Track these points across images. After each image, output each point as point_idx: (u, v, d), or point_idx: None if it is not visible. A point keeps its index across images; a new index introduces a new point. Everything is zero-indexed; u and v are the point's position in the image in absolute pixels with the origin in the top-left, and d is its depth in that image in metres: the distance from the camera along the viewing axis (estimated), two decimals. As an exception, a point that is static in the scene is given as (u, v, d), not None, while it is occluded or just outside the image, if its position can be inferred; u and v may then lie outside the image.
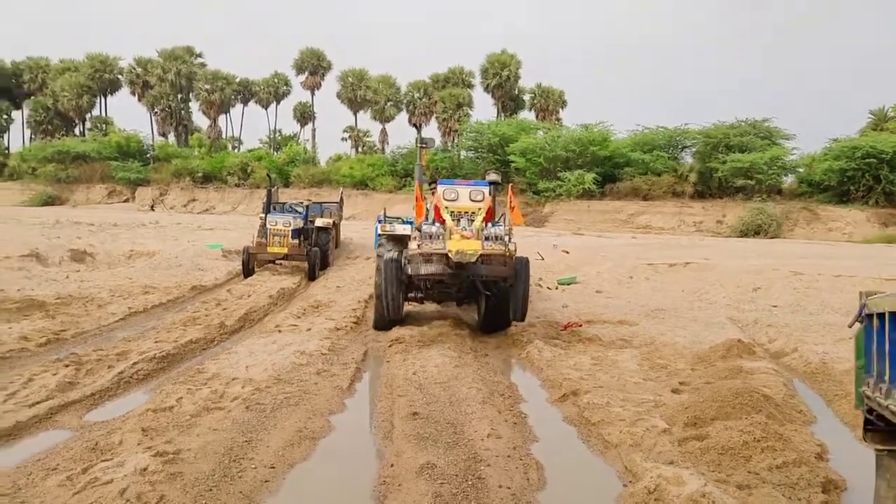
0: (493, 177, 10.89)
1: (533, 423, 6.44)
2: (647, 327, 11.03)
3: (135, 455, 4.90)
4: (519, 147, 46.38)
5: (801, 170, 46.73)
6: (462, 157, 52.85)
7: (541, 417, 6.67)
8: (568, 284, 16.11)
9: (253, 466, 5.03)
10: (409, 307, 11.50)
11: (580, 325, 11.00)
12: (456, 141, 56.39)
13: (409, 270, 9.65)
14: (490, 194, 10.37)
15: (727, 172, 43.43)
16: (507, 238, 9.79)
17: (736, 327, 11.11)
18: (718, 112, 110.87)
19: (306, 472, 5.17)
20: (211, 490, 4.57)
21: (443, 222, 9.81)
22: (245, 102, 66.57)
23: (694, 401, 6.61)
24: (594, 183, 43.85)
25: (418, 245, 9.60)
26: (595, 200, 43.86)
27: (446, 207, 9.87)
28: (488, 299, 10.11)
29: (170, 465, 4.79)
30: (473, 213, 9.89)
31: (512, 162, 46.58)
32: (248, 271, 16.09)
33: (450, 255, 9.04)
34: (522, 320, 10.45)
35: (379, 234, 11.87)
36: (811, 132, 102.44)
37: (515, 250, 10.04)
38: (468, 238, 9.27)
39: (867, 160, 41.53)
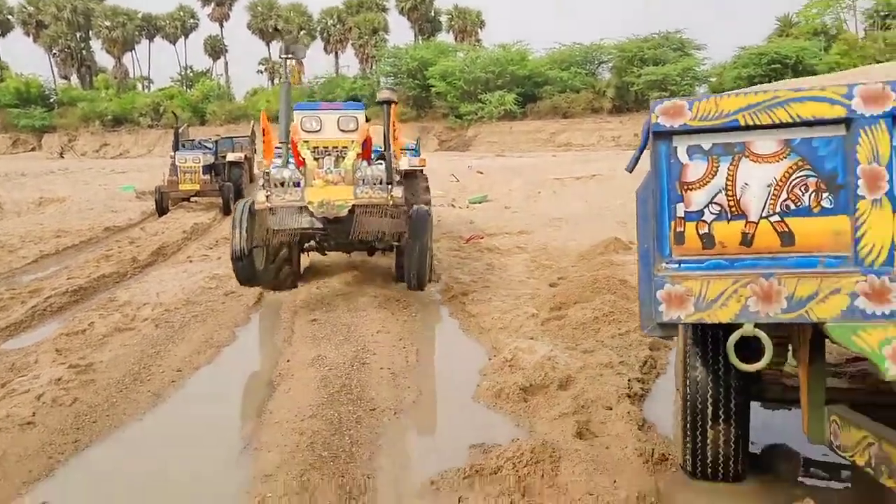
0: (385, 94, 7.92)
1: (421, 320, 7.27)
2: (543, 235, 11.98)
3: (50, 369, 5.49)
4: (438, 70, 46.42)
5: (713, 79, 48.46)
6: (381, 83, 52.51)
7: (429, 315, 7.51)
8: (479, 203, 16.93)
9: (161, 371, 5.68)
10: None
11: (481, 238, 11.84)
12: (374, 67, 55.82)
13: (269, 224, 7.21)
14: (368, 120, 8.18)
15: (642, 86, 44.69)
16: (391, 180, 7.43)
17: (623, 229, 12.15)
18: (633, 25, 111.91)
19: (210, 372, 5.85)
20: (121, 391, 5.21)
21: (302, 163, 7.52)
22: (151, 38, 63.84)
23: (562, 290, 7.57)
24: (515, 103, 44.49)
25: (266, 196, 7.14)
26: (517, 121, 44.60)
27: (306, 142, 7.47)
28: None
29: (83, 374, 5.40)
30: (344, 147, 7.53)
31: (432, 86, 46.68)
32: (161, 210, 16.32)
33: (310, 207, 6.99)
34: (420, 289, 8.04)
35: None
36: (724, 42, 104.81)
37: (412, 198, 8.44)
38: (335, 184, 7.21)
39: (773, 66, 43.46)
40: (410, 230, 7.62)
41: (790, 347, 3.65)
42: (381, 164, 7.55)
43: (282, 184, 7.23)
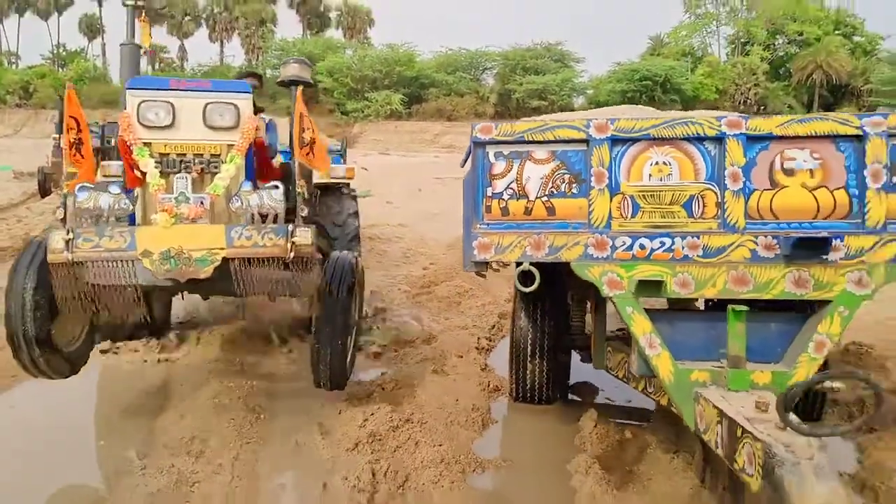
0: (293, 70, 5.17)
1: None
2: (421, 227, 13.36)
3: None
4: (326, 66, 47.17)
5: (590, 91, 51.81)
6: (268, 75, 52.46)
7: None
8: (363, 197, 18.07)
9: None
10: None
11: (363, 228, 13.04)
12: (261, 59, 55.64)
13: (73, 288, 4.04)
14: (260, 111, 5.11)
15: (523, 93, 47.23)
16: (295, 213, 4.29)
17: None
18: (516, 34, 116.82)
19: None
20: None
21: (137, 181, 4.33)
22: (20, 13, 60.51)
23: (431, 272, 8.94)
24: (401, 104, 45.94)
25: (67, 242, 3.86)
26: (402, 121, 46.04)
27: (146, 145, 4.22)
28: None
29: None
30: (214, 156, 4.32)
31: (319, 82, 47.28)
32: (44, 191, 16.39)
33: (145, 263, 3.92)
34: (338, 387, 4.71)
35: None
36: (601, 56, 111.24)
37: (332, 229, 6.05)
38: (192, 220, 4.06)
39: (644, 82, 47.13)
40: (325, 293, 4.42)
41: (589, 306, 5.11)
42: (277, 187, 4.22)
43: (96, 218, 4.07)
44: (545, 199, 3.52)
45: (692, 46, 55.58)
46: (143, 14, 5.87)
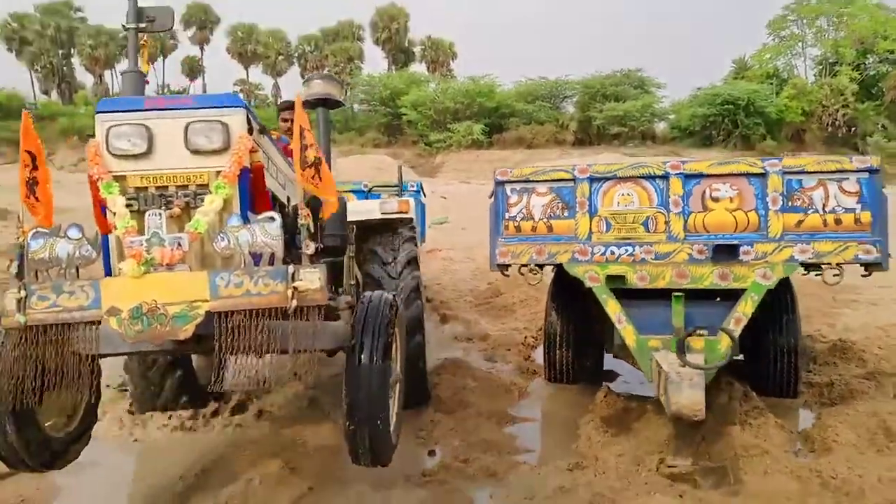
0: (318, 87, 4.98)
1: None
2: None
3: None
4: (410, 99, 49.67)
5: (671, 116, 52.27)
6: (356, 110, 55.65)
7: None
8: (440, 224, 19.95)
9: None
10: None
11: (440, 251, 14.84)
12: (349, 94, 58.98)
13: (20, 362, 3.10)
14: (257, 131, 3.65)
15: (604, 120, 48.25)
16: (300, 253, 3.24)
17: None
18: (596, 63, 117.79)
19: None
20: None
21: (106, 224, 3.34)
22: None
23: (494, 287, 10.61)
24: (482, 133, 47.86)
25: (19, 301, 3.02)
26: (483, 150, 47.91)
27: (116, 178, 3.27)
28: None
29: None
30: (200, 187, 3.32)
31: (404, 114, 49.89)
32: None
33: (108, 324, 2.99)
34: (379, 463, 3.52)
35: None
36: (683, 81, 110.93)
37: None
38: (167, 266, 3.12)
39: (726, 106, 47.26)
40: (354, 348, 3.35)
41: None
42: (273, 219, 3.21)
43: (46, 261, 3.16)
44: (545, 220, 5.15)
45: (777, 68, 55.29)
46: (145, 38, 4.80)
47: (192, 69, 67.39)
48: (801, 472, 4.31)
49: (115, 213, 3.19)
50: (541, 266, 5.19)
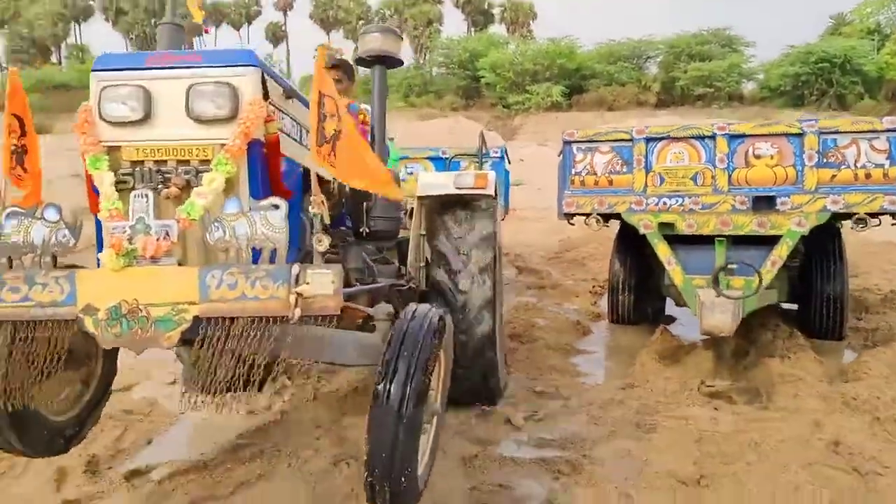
0: (373, 42, 4.42)
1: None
2: (565, 209, 15.95)
3: None
4: (489, 62, 49.92)
5: (760, 76, 50.73)
6: (434, 73, 56.39)
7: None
8: (516, 185, 20.75)
9: None
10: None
11: (515, 210, 15.72)
12: (427, 58, 59.78)
13: None
14: (287, 95, 3.24)
15: (688, 81, 47.37)
16: (316, 244, 2.72)
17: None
18: (684, 21, 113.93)
19: None
20: None
21: (97, 203, 2.74)
22: (217, 25, 69.17)
23: (564, 242, 11.47)
24: (561, 95, 47.84)
25: None
26: (562, 112, 47.91)
27: (110, 149, 2.80)
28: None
29: None
30: (205, 161, 2.76)
31: (482, 77, 50.31)
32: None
33: (84, 325, 2.50)
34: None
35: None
36: (774, 39, 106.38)
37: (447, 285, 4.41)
38: (152, 259, 2.56)
39: (820, 65, 45.54)
40: (386, 374, 2.60)
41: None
42: (277, 207, 2.58)
43: (23, 255, 2.70)
44: (606, 175, 6.00)
45: (879, 24, 52.75)
46: None
47: (276, 35, 69.49)
48: (827, 394, 5.05)
49: (100, 192, 2.72)
50: (604, 218, 6.06)
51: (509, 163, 8.50)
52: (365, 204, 4.16)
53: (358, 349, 2.97)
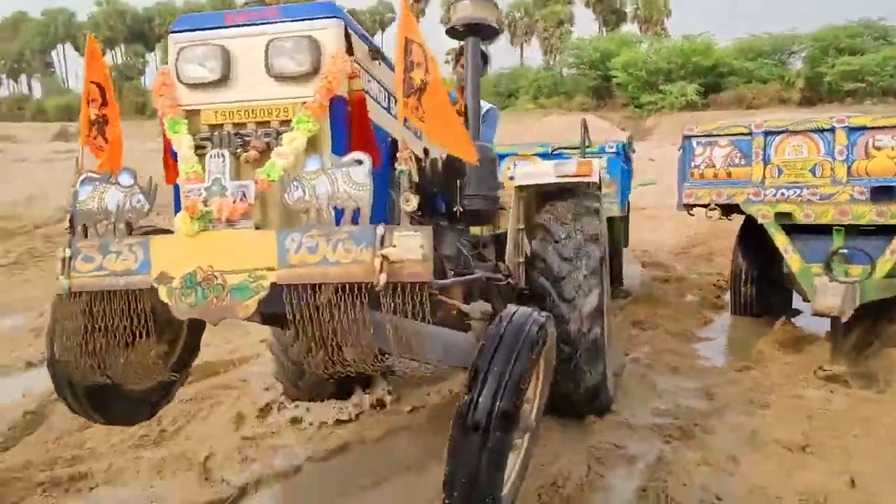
0: (465, 10, 4.24)
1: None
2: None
3: None
4: (621, 61, 49.10)
5: (919, 69, 47.17)
6: (564, 74, 56.34)
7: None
8: (647, 185, 20.80)
9: None
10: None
11: (644, 209, 15.94)
12: (558, 59, 59.82)
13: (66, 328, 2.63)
14: (373, 55, 3.05)
15: (836, 76, 44.85)
16: (403, 204, 2.42)
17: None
18: (827, 14, 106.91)
19: None
20: None
21: (175, 169, 2.62)
22: (353, 32, 72.23)
23: (691, 238, 11.69)
24: (696, 94, 46.49)
25: (63, 261, 2.53)
26: (698, 112, 46.54)
27: (189, 112, 2.70)
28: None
29: None
30: (285, 122, 2.58)
31: (614, 77, 49.76)
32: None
33: (161, 294, 2.39)
34: None
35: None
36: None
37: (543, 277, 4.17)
38: (230, 222, 2.44)
39: None
40: (476, 382, 2.34)
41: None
42: (360, 162, 2.37)
43: (98, 222, 2.61)
44: (725, 167, 6.36)
45: None
46: None
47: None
48: (947, 384, 5.21)
49: (179, 157, 2.59)
50: (727, 212, 6.43)
51: (628, 160, 8.23)
52: (458, 182, 3.83)
53: (449, 349, 2.74)
